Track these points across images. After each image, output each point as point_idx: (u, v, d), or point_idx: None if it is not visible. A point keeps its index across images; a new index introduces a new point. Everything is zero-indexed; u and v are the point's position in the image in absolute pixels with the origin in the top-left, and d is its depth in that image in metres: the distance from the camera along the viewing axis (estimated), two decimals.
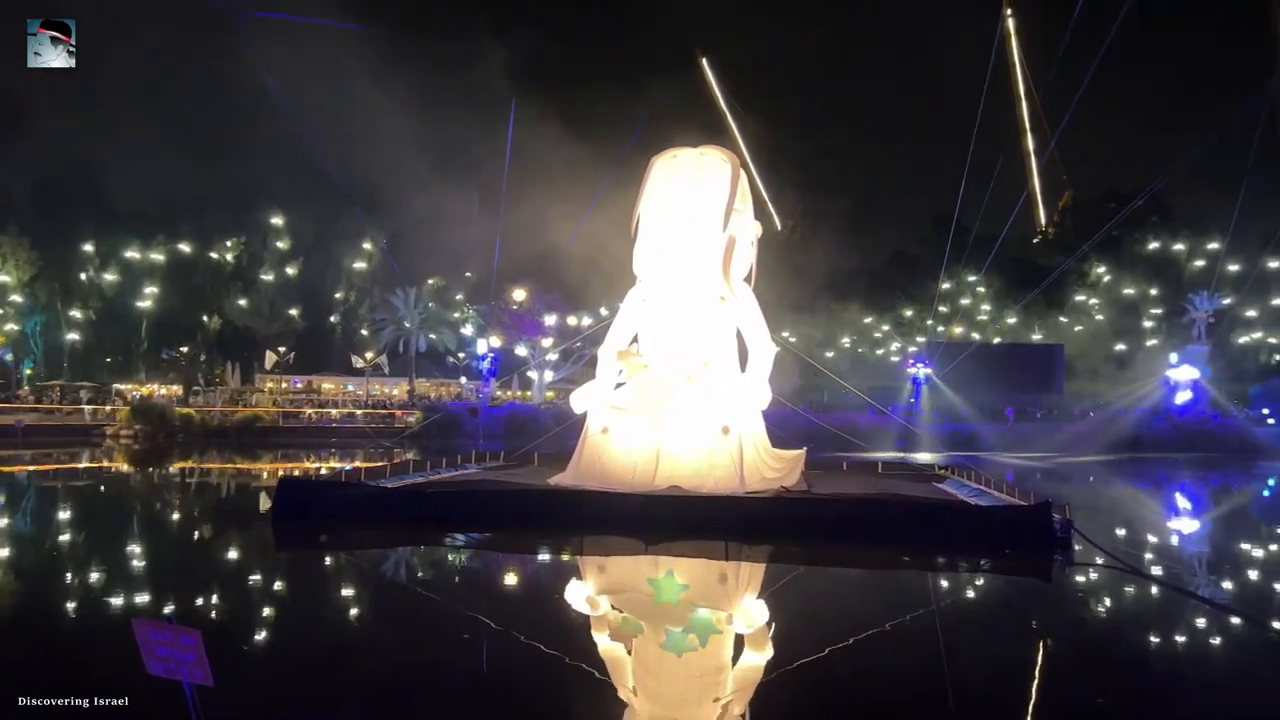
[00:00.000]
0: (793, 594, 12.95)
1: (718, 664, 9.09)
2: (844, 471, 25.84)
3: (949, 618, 11.36)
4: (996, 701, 8.00)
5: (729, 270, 20.19)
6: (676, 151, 21.06)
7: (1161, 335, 71.89)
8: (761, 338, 20.30)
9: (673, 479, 18.35)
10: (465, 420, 55.12)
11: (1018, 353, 70.52)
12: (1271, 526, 22.34)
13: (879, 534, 16.56)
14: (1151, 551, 16.86)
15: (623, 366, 20.41)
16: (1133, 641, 10.34)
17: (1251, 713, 7.94)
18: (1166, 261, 76.23)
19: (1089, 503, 24.41)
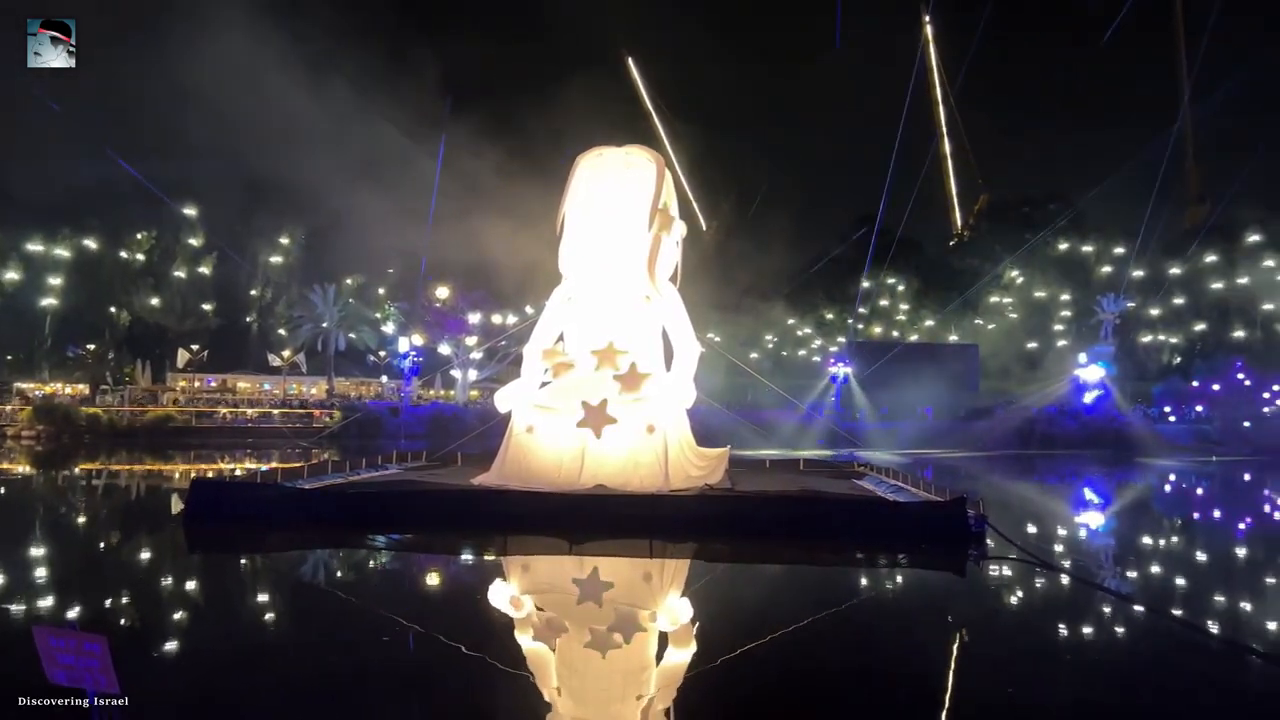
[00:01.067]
0: (716, 591, 13.05)
1: (641, 662, 9.10)
2: (766, 469, 26.14)
3: (868, 612, 11.58)
4: (913, 693, 8.17)
5: (654, 270, 20.28)
6: (602, 151, 21.07)
7: (1071, 336, 74.45)
8: (686, 337, 20.43)
9: (598, 478, 18.36)
10: (386, 420, 54.28)
11: (935, 352, 72.34)
12: (1172, 519, 23.31)
13: (800, 530, 16.85)
14: (1060, 545, 17.43)
15: (548, 365, 20.34)
16: (1042, 632, 10.67)
17: (1154, 699, 8.26)
18: (1076, 265, 78.96)
19: (1002, 498, 25.17)
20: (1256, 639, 10.25)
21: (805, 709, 7.71)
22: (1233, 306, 72.72)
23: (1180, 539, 19.48)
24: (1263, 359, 66.14)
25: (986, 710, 7.74)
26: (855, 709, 7.74)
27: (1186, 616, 10.98)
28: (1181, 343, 75.13)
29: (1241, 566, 15.95)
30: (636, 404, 18.91)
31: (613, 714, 7.63)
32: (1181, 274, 74.23)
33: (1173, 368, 72.59)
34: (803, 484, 21.13)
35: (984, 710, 7.74)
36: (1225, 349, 69.60)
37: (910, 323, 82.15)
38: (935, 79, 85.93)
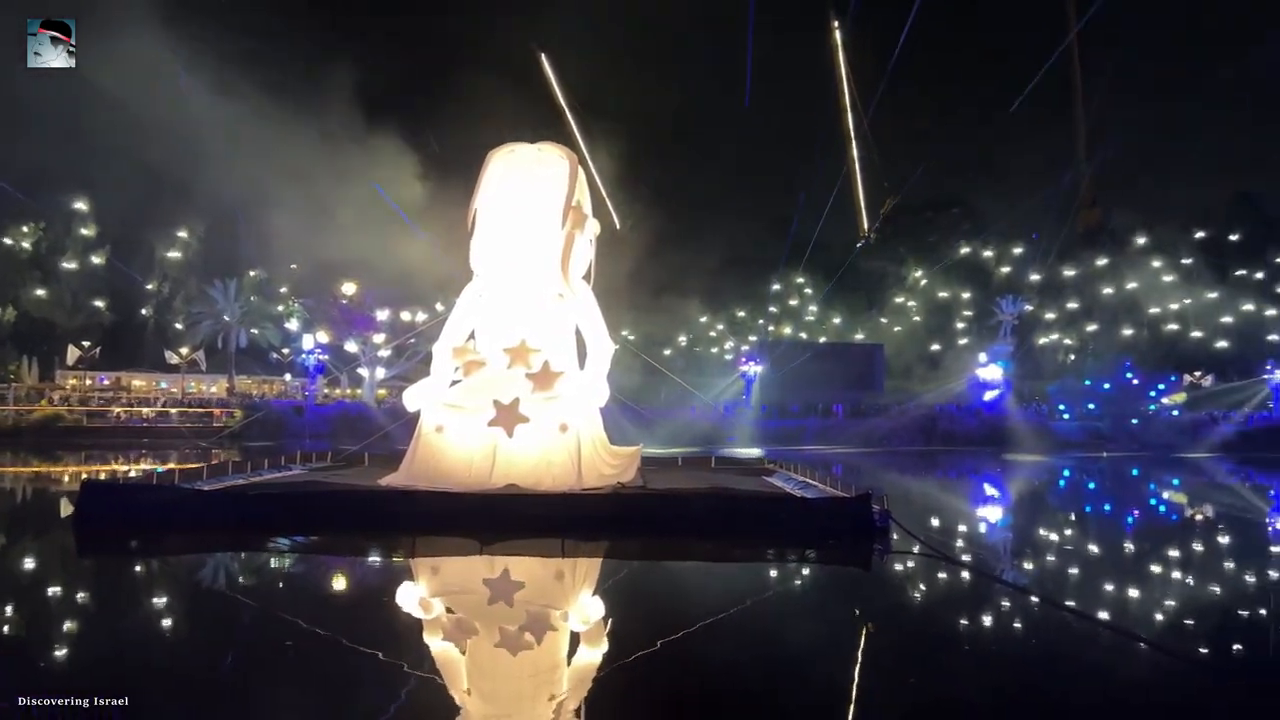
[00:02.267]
0: (629, 589, 13.06)
1: (553, 662, 9.05)
2: (679, 467, 26.30)
3: (777, 607, 11.75)
4: (821, 686, 8.31)
5: (568, 267, 20.19)
6: (514, 146, 20.88)
7: (972, 336, 76.86)
8: (600, 335, 20.40)
9: (509, 477, 18.20)
10: (290, 419, 52.93)
11: (842, 352, 73.92)
12: (1066, 513, 24.25)
13: (711, 527, 17.01)
14: (962, 539, 17.96)
15: (458, 363, 20.07)
16: (945, 624, 10.98)
17: (1049, 686, 8.57)
18: (977, 267, 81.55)
19: (905, 494, 25.84)
20: (1144, 627, 10.72)
21: (716, 705, 7.77)
22: (1122, 308, 76.05)
23: (1073, 532, 20.28)
24: (1149, 359, 69.44)
25: (891, 700, 7.91)
26: (765, 704, 7.82)
27: (1079, 606, 11.41)
28: (1075, 343, 78.26)
29: (1129, 557, 16.67)
30: (549, 402, 18.81)
31: (524, 715, 7.56)
32: (1075, 277, 77.32)
33: (1067, 367, 75.56)
34: (714, 481, 21.31)
35: (889, 701, 7.91)
36: (1115, 348, 72.74)
37: (819, 322, 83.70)
38: (844, 85, 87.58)
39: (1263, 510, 25.87)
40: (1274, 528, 21.71)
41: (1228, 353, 71.88)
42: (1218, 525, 21.56)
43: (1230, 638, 10.44)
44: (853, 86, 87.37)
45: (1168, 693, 8.38)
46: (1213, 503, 27.13)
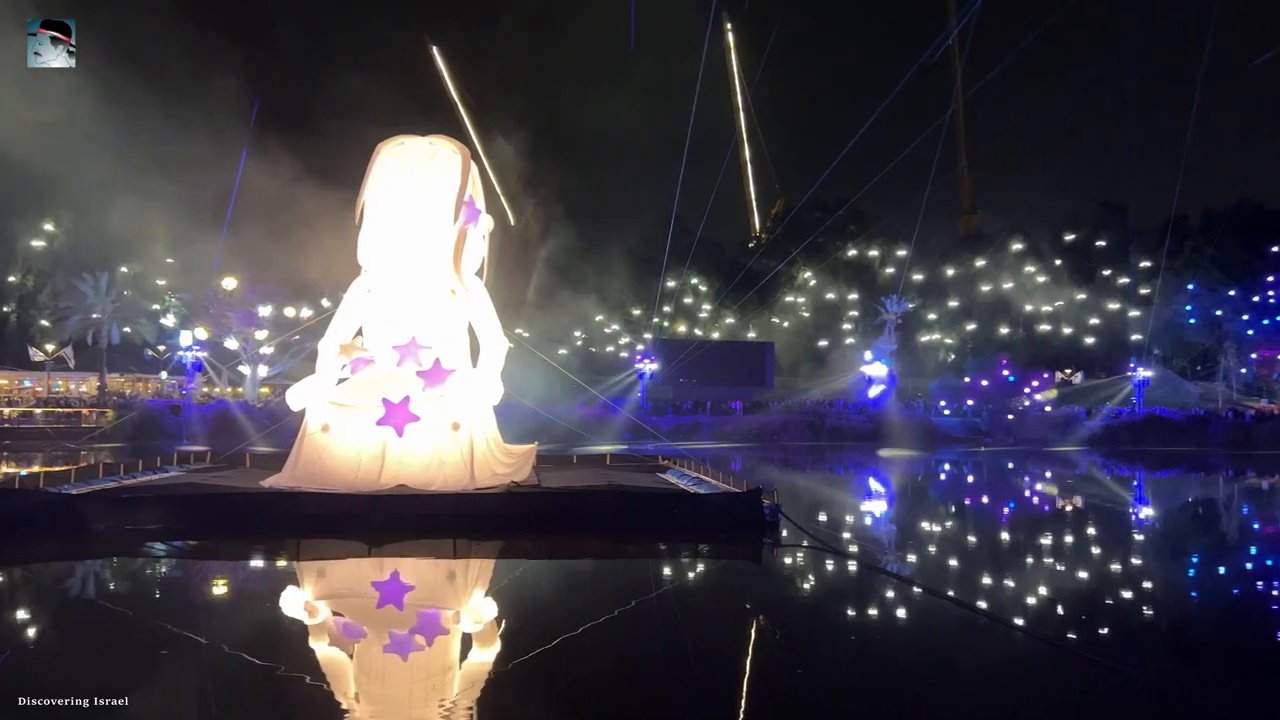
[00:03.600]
0: (522, 588, 12.97)
1: (445, 663, 8.91)
2: (574, 464, 26.25)
3: (671, 602, 11.83)
4: (714, 679, 8.40)
5: (460, 263, 19.86)
6: (404, 139, 20.41)
7: (858, 334, 79.04)
8: (493, 332, 20.15)
9: (399, 477, 17.82)
10: (166, 419, 50.72)
11: (733, 349, 75.08)
12: (945, 505, 25.17)
13: (606, 524, 17.04)
14: (848, 531, 18.44)
15: (346, 360, 19.54)
16: (832, 614, 11.25)
17: (932, 673, 8.86)
18: (863, 268, 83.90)
19: (794, 488, 26.39)
20: (1018, 614, 11.19)
21: (611, 701, 7.76)
22: (999, 308, 79.41)
23: (951, 523, 21.06)
24: (1024, 356, 72.69)
25: (781, 690, 8.05)
26: (659, 699, 7.85)
27: (959, 596, 11.84)
28: (955, 341, 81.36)
29: (1002, 546, 17.40)
30: (441, 401, 18.49)
31: (415, 718, 7.41)
32: (955, 278, 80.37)
33: (947, 364, 78.51)
34: (608, 479, 21.34)
35: (779, 691, 8.05)
36: (992, 347, 75.92)
37: (712, 320, 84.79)
38: (736, 86, 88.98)
39: (1124, 500, 27.38)
40: (1137, 517, 23.00)
41: (1095, 351, 75.91)
42: (1084, 515, 22.71)
43: (1093, 621, 11.01)
44: (744, 87, 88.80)
45: (1034, 673, 8.77)
46: (1080, 494, 28.56)
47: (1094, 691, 8.19)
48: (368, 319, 19.95)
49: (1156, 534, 19.93)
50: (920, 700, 7.99)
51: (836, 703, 7.86)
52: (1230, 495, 29.66)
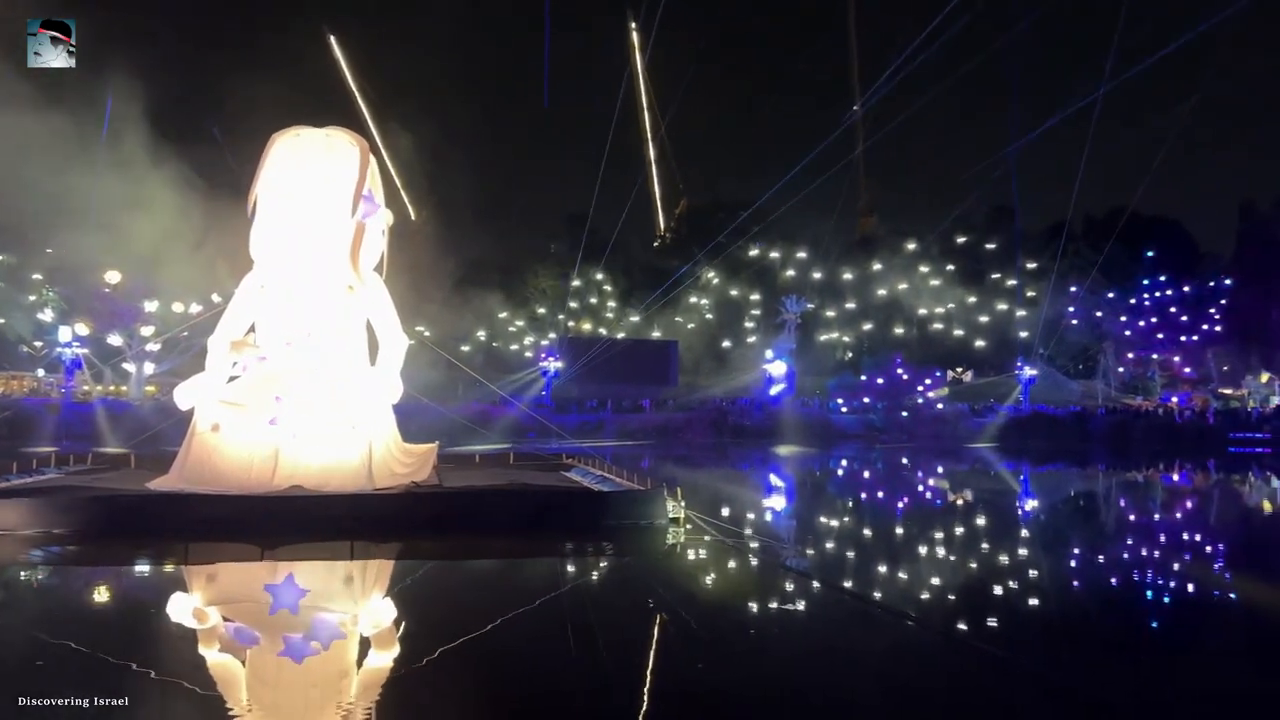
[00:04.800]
0: (423, 590, 12.76)
1: (341, 668, 8.69)
2: (476, 464, 25.95)
3: (575, 600, 11.79)
4: (617, 677, 8.39)
5: (357, 258, 19.36)
6: (300, 130, 19.79)
7: (759, 333, 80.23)
8: (392, 329, 19.72)
9: (294, 478, 17.28)
10: (43, 418, 48.25)
11: (638, 348, 75.36)
12: (845, 500, 25.78)
13: (510, 524, 16.89)
14: (750, 526, 18.70)
15: (237, 358, 18.85)
16: (735, 608, 11.38)
17: (831, 663, 9.05)
18: (765, 268, 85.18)
19: (698, 485, 26.62)
20: (911, 606, 11.52)
21: (514, 703, 7.68)
22: (894, 308, 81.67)
23: (850, 519, 21.58)
24: (918, 355, 74.96)
25: (684, 686, 8.10)
26: (563, 699, 7.81)
27: (855, 588, 12.13)
28: (852, 341, 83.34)
29: (897, 540, 17.91)
30: (338, 399, 18.01)
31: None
32: (853, 279, 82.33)
33: (845, 363, 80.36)
34: (512, 478, 21.16)
35: (681, 686, 8.10)
36: (888, 346, 78.05)
37: (617, 319, 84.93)
38: (641, 85, 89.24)
39: (1010, 493, 28.51)
40: (1024, 510, 23.97)
41: (985, 350, 78.77)
42: (971, 508, 23.57)
43: (981, 611, 11.42)
44: (649, 87, 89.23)
45: (921, 660, 9.06)
46: (967, 488, 29.63)
47: (978, 677, 8.48)
48: (261, 315, 19.28)
49: (1039, 526, 20.81)
50: (817, 691, 8.14)
51: (737, 696, 7.94)
52: (1108, 488, 31.19)
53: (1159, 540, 18.95)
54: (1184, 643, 10.36)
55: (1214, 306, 74.25)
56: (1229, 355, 70.98)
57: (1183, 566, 15.43)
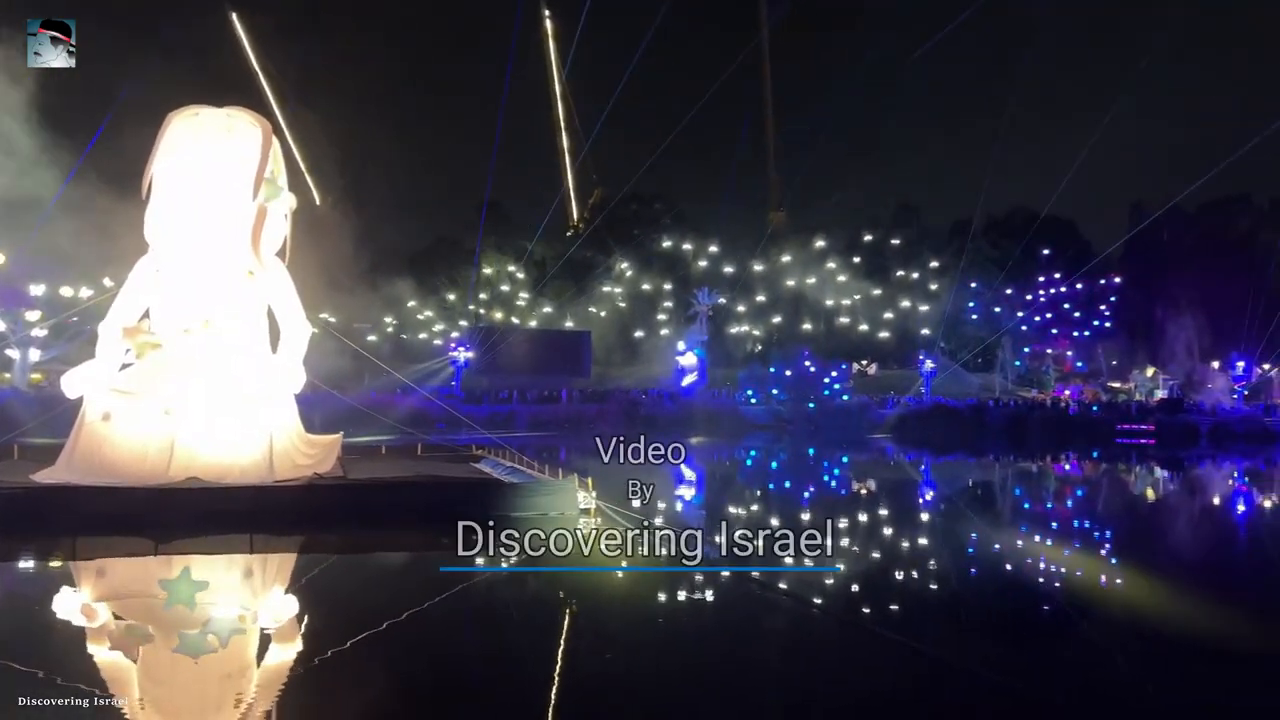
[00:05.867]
0: (326, 584, 12.50)
1: (241, 664, 8.46)
2: (383, 455, 25.53)
3: (486, 594, 11.70)
4: (526, 668, 8.36)
5: (259, 243, 18.77)
6: (199, 110, 19.05)
7: (672, 325, 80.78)
8: (295, 316, 19.19)
9: (190, 470, 16.68)
10: None
11: (551, 338, 75.06)
12: (753, 489, 26.18)
13: (417, 516, 16.63)
14: (662, 516, 18.82)
15: (130, 344, 18.09)
16: (644, 599, 11.45)
17: (747, 646, 9.19)
18: (678, 260, 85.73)
19: (610, 475, 26.67)
20: (815, 593, 11.79)
21: (419, 698, 7.59)
22: (802, 302, 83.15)
23: (759, 506, 21.92)
24: (825, 348, 76.46)
25: (592, 674, 8.11)
26: (468, 690, 7.75)
27: (762, 577, 12.32)
28: (762, 334, 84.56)
29: (802, 529, 18.24)
30: (237, 388, 17.46)
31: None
32: (763, 272, 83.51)
33: (755, 355, 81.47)
34: (420, 469, 20.88)
35: (589, 674, 8.11)
36: (796, 339, 79.41)
37: (530, 309, 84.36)
38: (554, 75, 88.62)
39: (911, 482, 29.37)
40: (925, 499, 24.72)
41: (889, 344, 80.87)
42: (874, 496, 24.19)
43: (882, 597, 11.76)
44: (562, 77, 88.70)
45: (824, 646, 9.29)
46: (869, 477, 30.41)
47: (879, 657, 8.72)
48: (155, 300, 18.55)
49: (938, 513, 21.49)
50: (722, 677, 8.26)
51: (643, 686, 8.00)
52: (1005, 477, 32.38)
53: (1044, 527, 19.77)
54: (1056, 625, 10.84)
55: (1104, 304, 77.72)
56: (1118, 350, 74.37)
57: (1059, 552, 16.13)
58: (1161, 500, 26.80)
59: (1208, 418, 57.38)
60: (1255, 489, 30.56)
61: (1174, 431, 53.97)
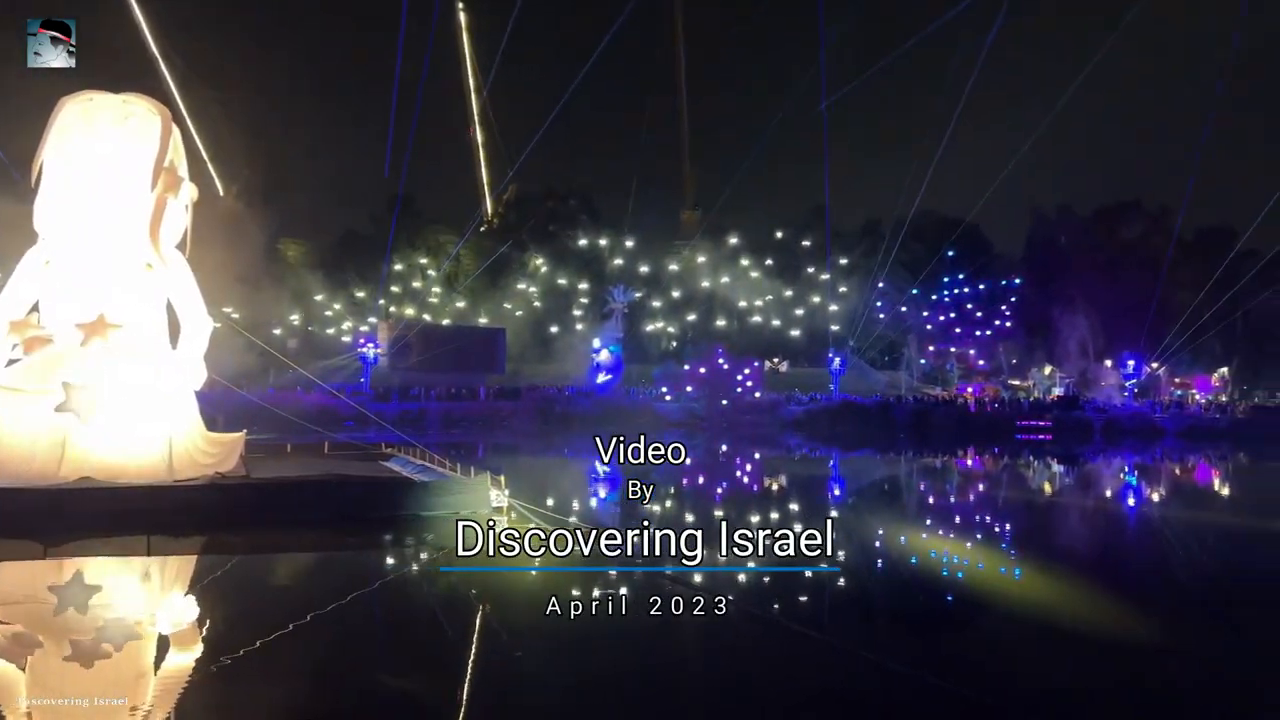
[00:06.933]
0: (228, 586, 12.15)
1: (138, 670, 8.17)
2: (288, 454, 24.92)
3: (396, 594, 11.53)
4: (436, 664, 8.28)
5: (158, 234, 18.10)
6: (94, 95, 18.26)
7: (587, 322, 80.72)
8: (196, 311, 18.57)
9: (83, 470, 16.00)
10: None
11: (465, 334, 74.28)
12: (666, 487, 26.35)
13: (323, 516, 16.28)
14: (573, 513, 18.82)
15: (17, 339, 17.27)
16: (557, 594, 11.42)
17: (644, 641, 9.26)
18: (593, 257, 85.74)
19: (524, 472, 26.59)
20: (727, 588, 11.94)
21: (323, 703, 7.44)
22: (716, 300, 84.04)
23: (673, 503, 22.09)
24: (738, 346, 77.38)
25: (503, 674, 8.08)
26: (375, 694, 7.63)
27: (674, 573, 12.43)
28: (677, 331, 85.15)
29: (715, 524, 18.47)
30: (133, 384, 16.82)
31: None
32: (678, 270, 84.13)
33: (670, 353, 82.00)
34: (326, 468, 20.45)
35: (500, 674, 8.07)
36: (710, 337, 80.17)
37: (443, 305, 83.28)
38: (468, 67, 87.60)
39: (822, 476, 29.99)
40: (835, 493, 25.26)
41: (800, 343, 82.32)
42: (787, 492, 24.65)
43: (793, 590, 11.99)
44: (476, 70, 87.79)
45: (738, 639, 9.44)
46: (784, 473, 30.95)
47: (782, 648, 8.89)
48: (46, 293, 17.74)
49: (846, 505, 21.99)
50: (635, 674, 8.31)
51: (556, 685, 8.00)
52: (909, 472, 33.30)
53: (945, 521, 20.42)
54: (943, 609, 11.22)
55: (1005, 304, 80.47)
56: (1017, 349, 77.14)
57: (960, 545, 16.70)
58: (1056, 495, 27.93)
59: (1101, 415, 59.89)
60: (1144, 484, 32.09)
61: (1070, 428, 56.23)
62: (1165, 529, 20.42)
